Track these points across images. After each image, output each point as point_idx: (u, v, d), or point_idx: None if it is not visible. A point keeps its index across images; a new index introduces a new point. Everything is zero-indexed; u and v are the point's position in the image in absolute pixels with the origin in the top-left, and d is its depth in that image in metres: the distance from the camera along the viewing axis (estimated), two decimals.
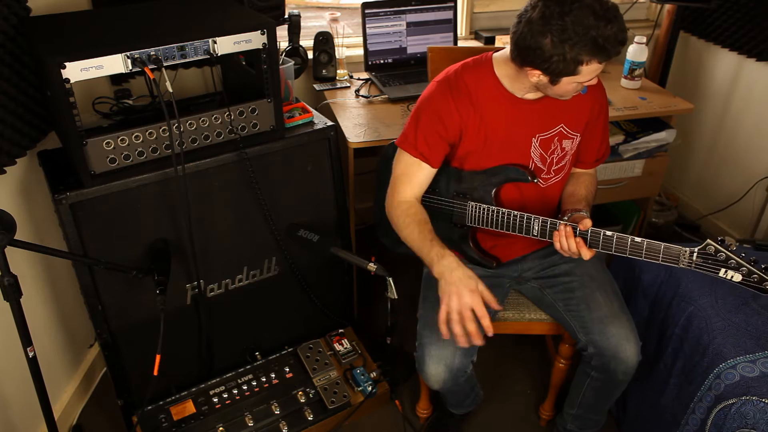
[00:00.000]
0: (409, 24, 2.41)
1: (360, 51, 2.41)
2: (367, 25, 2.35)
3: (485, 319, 1.37)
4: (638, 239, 1.39)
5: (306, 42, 2.35)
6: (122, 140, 1.53)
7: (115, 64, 1.43)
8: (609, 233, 1.41)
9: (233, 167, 1.72)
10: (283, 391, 1.91)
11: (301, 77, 2.35)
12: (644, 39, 2.30)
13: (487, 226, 1.59)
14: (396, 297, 1.62)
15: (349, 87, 2.35)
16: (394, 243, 1.71)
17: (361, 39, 2.37)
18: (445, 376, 1.54)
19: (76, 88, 1.39)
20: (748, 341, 1.52)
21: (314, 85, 2.36)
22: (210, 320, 1.90)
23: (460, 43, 2.61)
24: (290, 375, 1.96)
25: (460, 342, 1.39)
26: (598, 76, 1.44)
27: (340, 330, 2.14)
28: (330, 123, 1.88)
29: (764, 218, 2.58)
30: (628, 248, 1.40)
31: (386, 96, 2.24)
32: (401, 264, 1.74)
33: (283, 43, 2.26)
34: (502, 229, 1.56)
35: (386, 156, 1.83)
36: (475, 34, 2.69)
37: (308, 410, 1.87)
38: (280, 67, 1.80)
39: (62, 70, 1.35)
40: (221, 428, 1.79)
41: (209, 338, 1.93)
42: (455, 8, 2.44)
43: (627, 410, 1.93)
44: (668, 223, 2.93)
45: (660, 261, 1.38)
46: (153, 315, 1.67)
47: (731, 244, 1.31)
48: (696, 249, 1.33)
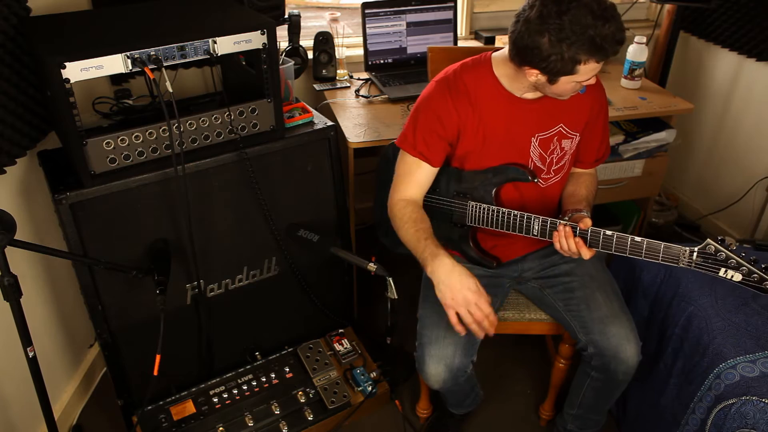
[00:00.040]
0: (409, 24, 2.41)
1: (360, 51, 2.41)
2: (367, 25, 2.34)
3: (491, 316, 1.40)
4: (638, 239, 1.39)
5: (306, 42, 2.35)
6: (122, 140, 1.53)
7: (115, 64, 1.43)
8: (609, 233, 1.41)
9: (233, 167, 1.72)
10: (283, 391, 1.91)
11: (301, 77, 2.35)
12: (644, 39, 2.30)
13: (488, 226, 1.59)
14: (396, 297, 1.62)
15: (349, 87, 2.35)
16: (394, 243, 1.71)
17: (361, 39, 2.37)
18: (445, 376, 1.54)
19: (76, 88, 1.39)
20: (748, 341, 1.52)
21: (314, 85, 2.36)
22: (210, 320, 1.90)
23: (460, 43, 2.61)
24: (290, 375, 1.96)
25: (478, 334, 1.42)
26: (598, 76, 1.44)
27: (340, 330, 2.14)
28: (330, 123, 1.88)
29: (764, 218, 2.57)
30: (628, 248, 1.40)
31: (386, 96, 2.24)
32: (401, 264, 1.74)
33: (283, 43, 2.26)
34: (503, 229, 1.56)
35: (386, 156, 1.83)
36: (475, 34, 2.69)
37: (308, 410, 1.87)
38: (280, 67, 1.80)
39: (62, 70, 1.36)
40: (221, 428, 1.79)
41: (209, 338, 1.93)
42: (455, 8, 2.44)
43: (627, 410, 1.93)
44: (668, 223, 2.93)
45: (660, 261, 1.38)
46: (153, 315, 1.67)
47: (731, 244, 1.31)
48: (696, 249, 1.33)
